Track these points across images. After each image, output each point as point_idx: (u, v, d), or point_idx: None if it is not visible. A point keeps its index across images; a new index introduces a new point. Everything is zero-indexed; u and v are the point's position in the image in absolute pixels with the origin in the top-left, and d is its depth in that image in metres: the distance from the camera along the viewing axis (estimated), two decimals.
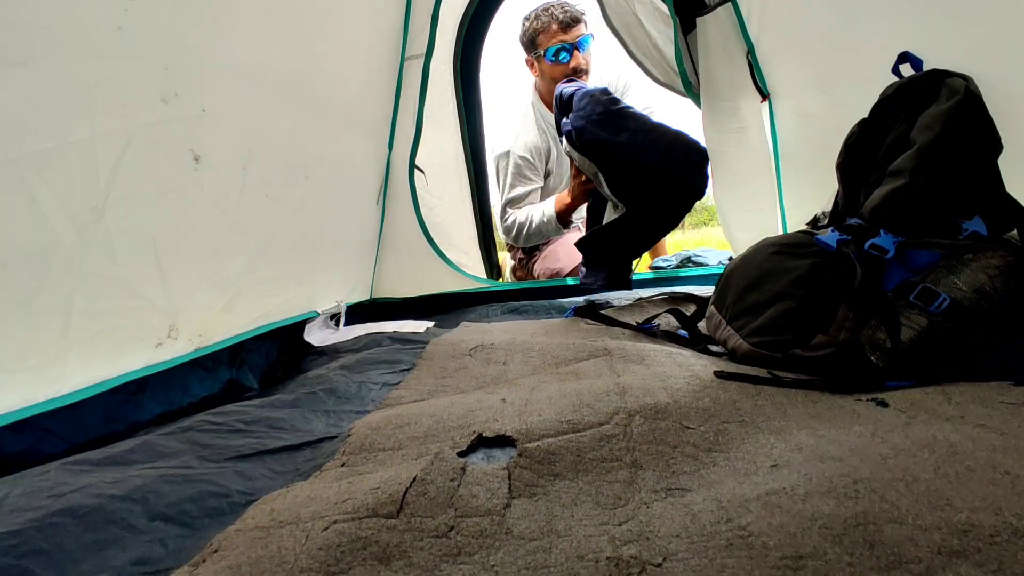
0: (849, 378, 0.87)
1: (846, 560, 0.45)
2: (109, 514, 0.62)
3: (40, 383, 0.87)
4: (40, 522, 0.59)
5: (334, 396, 1.02)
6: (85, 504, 0.63)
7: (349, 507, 0.59)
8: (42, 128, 0.83)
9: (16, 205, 0.81)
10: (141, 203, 0.99)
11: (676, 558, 0.49)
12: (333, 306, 1.61)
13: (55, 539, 0.58)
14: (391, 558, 0.52)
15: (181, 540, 0.61)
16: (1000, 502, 0.49)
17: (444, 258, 2.02)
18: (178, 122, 1.04)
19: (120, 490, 0.67)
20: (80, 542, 0.58)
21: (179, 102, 1.03)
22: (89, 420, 0.95)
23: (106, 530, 0.60)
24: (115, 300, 0.97)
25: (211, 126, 1.11)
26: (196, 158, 1.08)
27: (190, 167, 1.07)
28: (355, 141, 1.77)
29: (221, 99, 1.14)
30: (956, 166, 0.92)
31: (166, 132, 1.02)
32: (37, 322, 0.86)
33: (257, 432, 0.88)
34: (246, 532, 0.58)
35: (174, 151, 1.05)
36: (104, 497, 0.65)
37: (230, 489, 0.70)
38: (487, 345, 1.21)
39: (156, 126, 1.00)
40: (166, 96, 1.01)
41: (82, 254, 0.90)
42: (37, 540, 0.57)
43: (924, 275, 0.90)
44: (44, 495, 0.66)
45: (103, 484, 0.68)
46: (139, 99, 0.97)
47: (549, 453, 0.69)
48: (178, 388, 1.11)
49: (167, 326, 1.06)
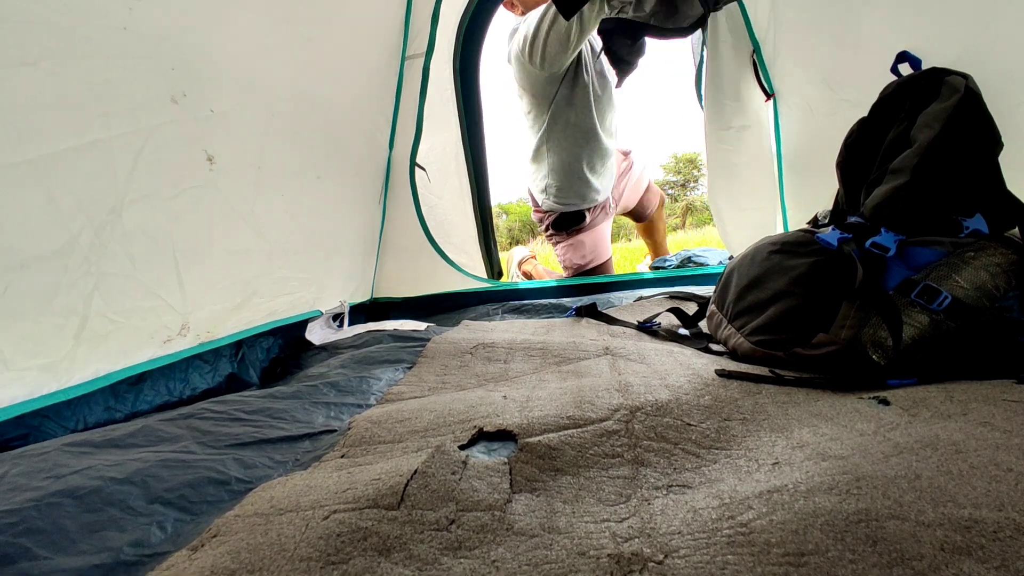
0: (851, 376, 0.86)
1: (848, 557, 0.44)
2: (108, 496, 0.63)
3: (49, 378, 0.88)
4: (39, 502, 0.59)
5: (335, 390, 1.03)
6: (84, 485, 0.63)
7: (350, 497, 0.59)
8: (58, 128, 0.84)
9: (34, 205, 0.82)
10: (158, 204, 1.00)
11: (678, 555, 0.48)
12: (337, 306, 1.61)
13: (53, 519, 0.58)
14: (391, 550, 0.51)
15: (180, 524, 0.61)
16: (1003, 498, 0.49)
17: (445, 258, 2.02)
18: (189, 122, 1.05)
19: (120, 473, 0.67)
20: (78, 522, 0.58)
21: (188, 102, 1.04)
22: (89, 413, 0.95)
23: (104, 511, 0.61)
24: (132, 300, 0.98)
25: (221, 126, 1.12)
26: (210, 158, 1.08)
27: (204, 167, 1.08)
28: (356, 140, 1.77)
29: (227, 99, 1.14)
30: (957, 164, 0.92)
31: (178, 132, 1.03)
32: (54, 321, 0.87)
33: (257, 421, 0.88)
34: (245, 518, 0.58)
35: (188, 151, 1.05)
36: (103, 479, 0.65)
37: (229, 476, 0.70)
38: (488, 343, 1.21)
39: (168, 126, 1.00)
40: (175, 96, 1.01)
41: (99, 255, 0.91)
42: (35, 519, 0.57)
43: (926, 273, 0.89)
44: (43, 475, 0.66)
45: (103, 466, 0.68)
46: (149, 99, 0.98)
47: (551, 448, 0.69)
48: (179, 381, 1.12)
49: (180, 325, 1.07)
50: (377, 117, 1.87)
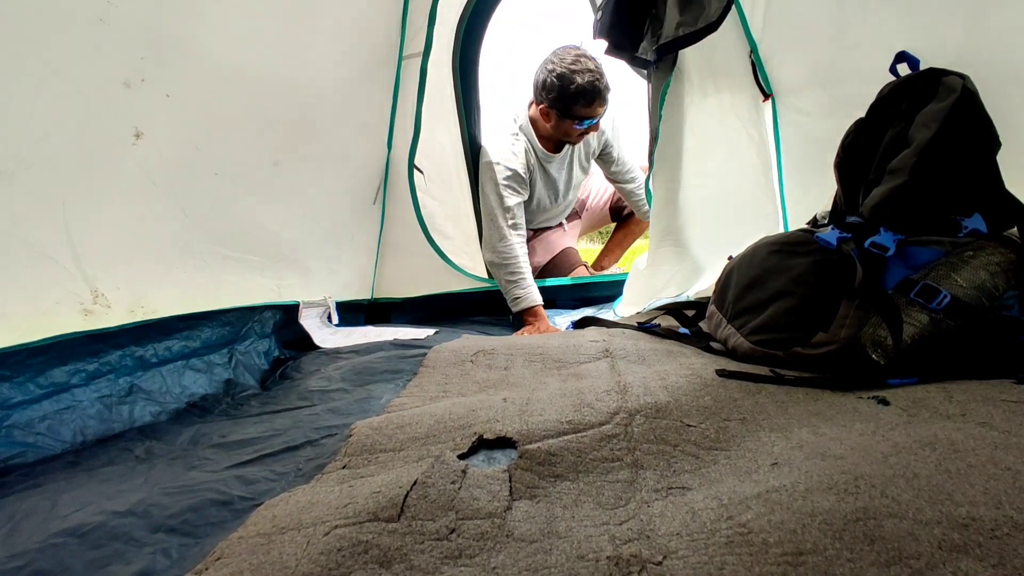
0: (850, 376, 0.86)
1: (846, 556, 0.45)
2: (111, 530, 0.63)
3: None
4: (43, 544, 0.60)
5: (335, 415, 1.01)
6: (87, 522, 0.64)
7: (350, 511, 0.59)
8: None
9: None
10: (60, 169, 1.00)
11: (676, 556, 0.49)
12: (319, 299, 1.60)
13: (59, 559, 0.59)
14: (392, 561, 0.52)
15: (184, 549, 0.61)
16: (1001, 496, 0.49)
17: (445, 258, 2.02)
18: (134, 102, 1.07)
19: (121, 505, 0.67)
20: (83, 559, 0.59)
21: (144, 87, 1.06)
22: (84, 421, 0.95)
23: (109, 546, 0.61)
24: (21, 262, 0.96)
25: (169, 109, 1.13)
26: (137, 135, 1.09)
27: (128, 142, 1.09)
28: (352, 139, 1.77)
29: (189, 87, 1.16)
30: (955, 163, 0.92)
31: (114, 109, 1.05)
32: None
33: (256, 443, 0.88)
34: (248, 539, 0.58)
35: (115, 127, 1.07)
36: (106, 513, 0.65)
37: (231, 495, 0.70)
38: (488, 350, 1.20)
39: (108, 104, 1.03)
40: (130, 81, 1.04)
41: None
42: (39, 561, 0.58)
43: (925, 272, 0.90)
44: (45, 516, 0.66)
45: (102, 500, 0.69)
46: (103, 83, 1.00)
47: (550, 454, 0.69)
48: (175, 388, 1.12)
49: (89, 291, 1.05)
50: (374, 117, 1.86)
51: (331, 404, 1.02)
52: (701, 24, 1.28)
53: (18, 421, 0.89)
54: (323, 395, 1.08)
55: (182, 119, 1.18)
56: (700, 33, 1.30)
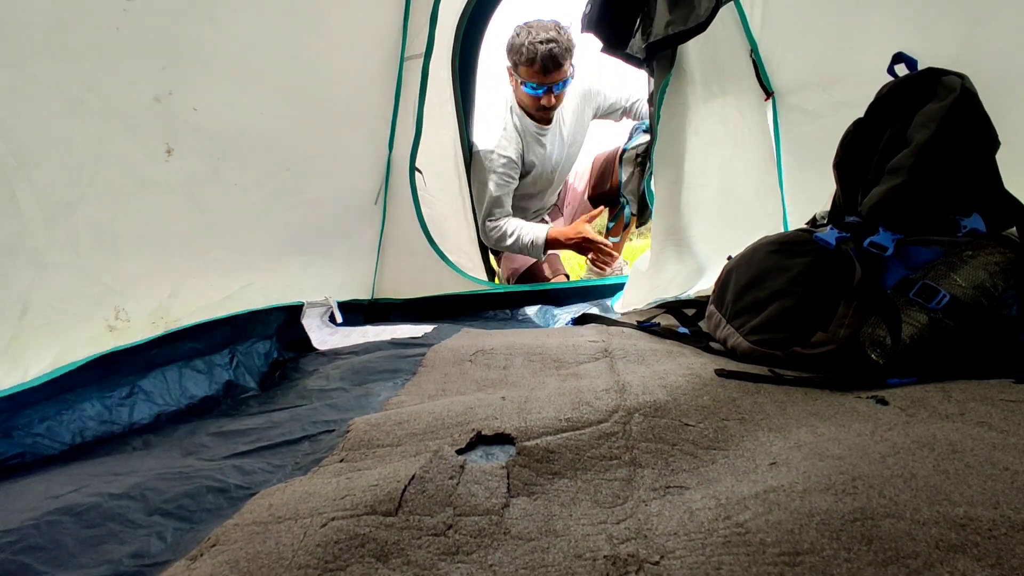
0: (849, 376, 0.86)
1: (843, 556, 0.44)
2: (107, 511, 0.63)
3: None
4: (37, 520, 0.60)
5: (334, 410, 1.02)
6: (82, 503, 0.64)
7: (348, 504, 0.59)
8: (29, 127, 0.86)
9: None
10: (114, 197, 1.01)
11: (673, 556, 0.49)
12: (320, 300, 1.60)
13: (52, 536, 0.58)
14: (389, 556, 0.52)
15: (179, 534, 0.61)
16: (999, 496, 0.49)
17: (445, 259, 2.02)
18: (168, 118, 1.07)
19: (118, 488, 0.67)
20: (78, 538, 0.59)
21: (172, 100, 1.06)
22: (83, 423, 0.95)
23: (104, 526, 0.61)
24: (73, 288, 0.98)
25: (196, 122, 1.13)
26: (169, 151, 1.10)
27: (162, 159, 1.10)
28: (354, 140, 1.77)
29: (212, 98, 1.16)
30: (954, 163, 0.92)
31: (151, 127, 1.05)
32: None
33: (254, 434, 0.88)
34: (244, 527, 0.58)
35: (152, 144, 1.07)
36: (101, 495, 0.65)
37: (228, 483, 0.70)
38: (487, 350, 1.20)
39: (144, 123, 1.03)
40: (160, 95, 1.03)
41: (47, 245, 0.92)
42: (34, 537, 0.58)
43: (924, 272, 0.89)
44: (40, 497, 0.66)
45: (100, 483, 0.69)
46: (134, 98, 0.99)
47: (548, 451, 0.69)
48: (175, 389, 1.11)
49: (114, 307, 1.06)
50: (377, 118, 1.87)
51: (330, 402, 1.02)
52: (691, 24, 1.28)
53: (18, 422, 0.89)
54: (322, 393, 1.08)
55: (208, 132, 1.19)
56: (689, 33, 1.30)
